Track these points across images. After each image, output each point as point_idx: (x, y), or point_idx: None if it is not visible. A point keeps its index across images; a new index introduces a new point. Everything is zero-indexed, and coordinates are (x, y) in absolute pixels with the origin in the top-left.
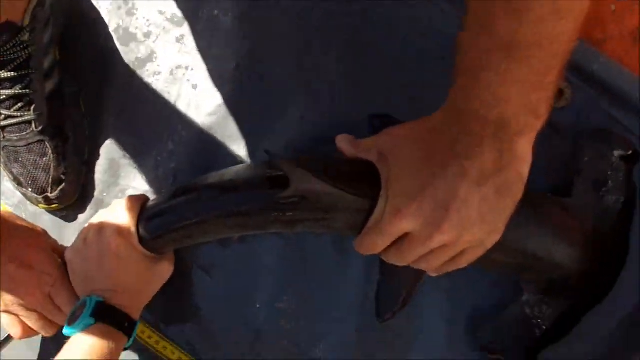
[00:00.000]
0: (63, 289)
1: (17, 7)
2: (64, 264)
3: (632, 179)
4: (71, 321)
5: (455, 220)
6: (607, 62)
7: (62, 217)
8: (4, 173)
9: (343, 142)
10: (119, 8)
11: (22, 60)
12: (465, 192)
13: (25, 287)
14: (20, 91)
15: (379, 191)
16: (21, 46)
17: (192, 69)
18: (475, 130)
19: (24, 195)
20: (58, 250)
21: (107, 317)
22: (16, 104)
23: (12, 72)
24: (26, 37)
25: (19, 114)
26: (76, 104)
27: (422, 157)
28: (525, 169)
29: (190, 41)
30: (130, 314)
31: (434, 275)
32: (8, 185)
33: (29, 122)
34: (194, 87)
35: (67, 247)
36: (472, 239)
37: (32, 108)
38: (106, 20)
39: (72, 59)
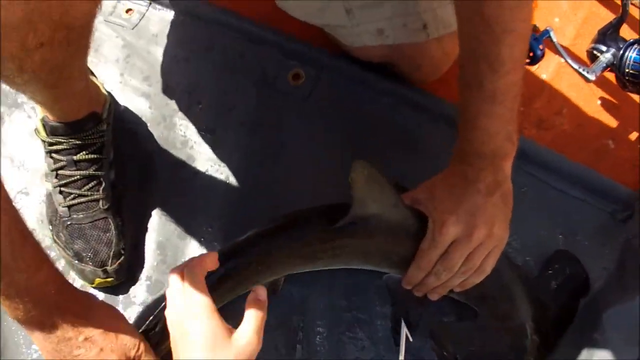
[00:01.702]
0: (149, 355)
1: (100, 101)
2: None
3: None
4: None
5: (482, 220)
6: None
7: (112, 294)
8: (61, 255)
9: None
10: (159, 123)
11: (98, 146)
12: (482, 202)
13: (112, 352)
14: (94, 172)
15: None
16: (99, 134)
17: (225, 166)
18: (477, 163)
19: (80, 273)
20: None
21: None
22: (88, 183)
23: (91, 155)
24: (104, 127)
25: (89, 192)
26: (129, 194)
27: (448, 191)
28: (510, 184)
29: (223, 146)
30: None
31: (458, 289)
32: None
33: (97, 201)
34: (227, 179)
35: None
36: (497, 234)
37: (101, 188)
38: (150, 131)
39: (122, 160)
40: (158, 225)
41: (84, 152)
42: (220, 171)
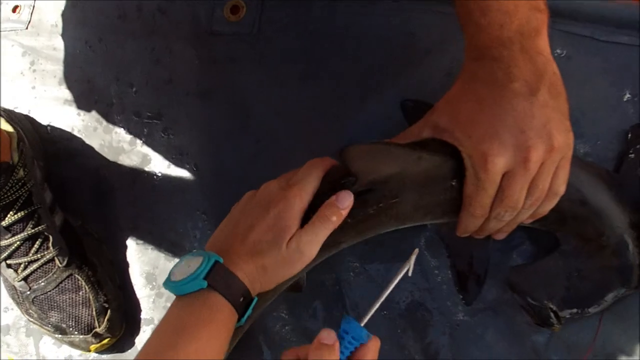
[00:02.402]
0: None
1: (5, 145)
2: None
3: None
4: (179, 275)
5: (535, 133)
6: None
7: (117, 351)
8: (42, 332)
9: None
10: (95, 129)
11: (24, 198)
12: (527, 108)
13: None
14: (33, 230)
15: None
16: (19, 184)
17: (188, 153)
18: (504, 55)
19: (71, 344)
20: None
21: (221, 285)
22: (33, 245)
23: (20, 212)
24: (21, 173)
25: (39, 255)
26: (87, 233)
27: (476, 106)
28: (555, 65)
29: (176, 127)
30: (251, 289)
31: (528, 221)
32: (48, 348)
33: (52, 260)
34: (196, 167)
35: None
36: (559, 145)
37: (50, 244)
38: (89, 145)
39: (65, 194)
40: (137, 255)
41: (10, 213)
42: (185, 161)
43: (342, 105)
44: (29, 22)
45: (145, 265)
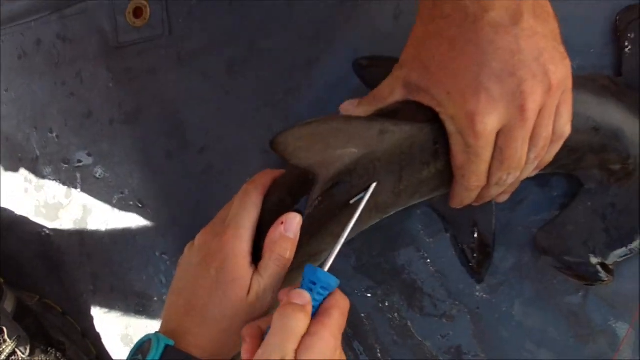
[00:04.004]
0: None
1: None
2: None
3: None
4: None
5: (527, 73)
6: None
7: None
8: None
9: (351, 105)
10: (26, 190)
11: None
12: (511, 42)
13: None
14: None
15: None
16: None
17: (129, 189)
18: None
19: None
20: None
21: None
22: None
23: None
24: None
25: None
26: (48, 308)
27: (447, 51)
28: None
29: (109, 163)
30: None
31: (533, 173)
32: None
33: (13, 353)
34: (141, 203)
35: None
36: (557, 80)
37: (5, 336)
38: (24, 210)
39: (13, 270)
40: (106, 317)
41: None
42: (129, 199)
43: (283, 84)
44: None
45: (117, 327)
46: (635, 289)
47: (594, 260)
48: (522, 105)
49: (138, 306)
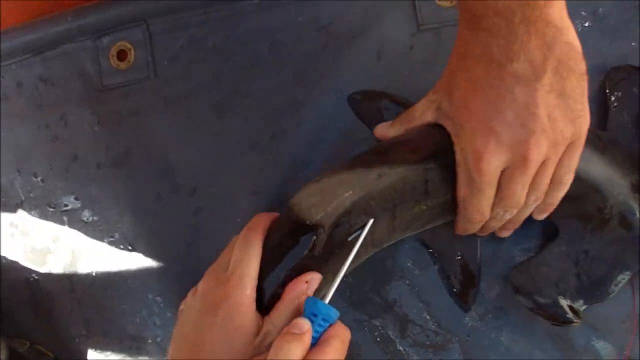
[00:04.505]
0: None
1: None
2: None
3: None
4: None
5: (538, 127)
6: None
7: None
8: None
9: (385, 127)
10: (12, 235)
11: None
12: (528, 96)
13: None
14: None
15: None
16: None
17: (118, 234)
18: (502, 26)
19: None
20: None
21: None
22: None
23: None
24: None
25: None
26: (40, 355)
27: (469, 89)
28: (572, 35)
29: (97, 208)
30: None
31: (541, 216)
32: None
33: None
34: (132, 247)
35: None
36: (564, 137)
37: None
38: (11, 255)
39: (2, 318)
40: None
41: None
42: (119, 243)
43: (271, 126)
44: None
45: None
46: (615, 311)
47: (564, 302)
48: (526, 155)
49: (132, 349)
